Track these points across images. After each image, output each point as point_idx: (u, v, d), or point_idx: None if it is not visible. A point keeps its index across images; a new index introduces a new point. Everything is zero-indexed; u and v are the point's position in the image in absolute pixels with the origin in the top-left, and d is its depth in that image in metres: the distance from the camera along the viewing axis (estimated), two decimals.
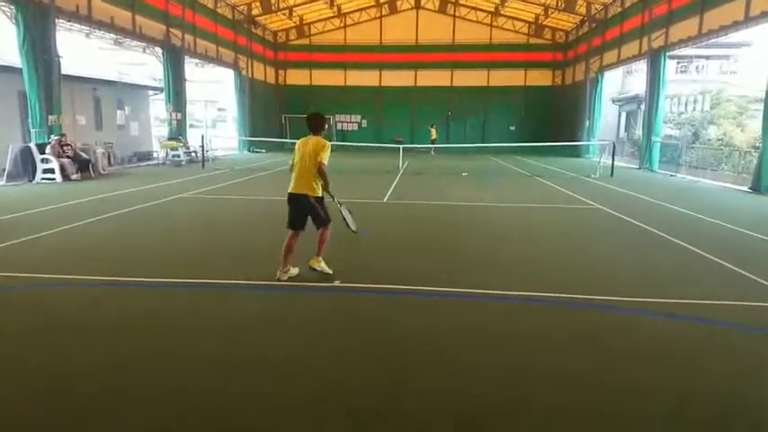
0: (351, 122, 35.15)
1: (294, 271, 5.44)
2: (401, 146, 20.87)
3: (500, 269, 6.20)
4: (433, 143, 27.89)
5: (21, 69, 13.80)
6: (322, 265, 5.47)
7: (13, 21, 13.53)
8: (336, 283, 5.27)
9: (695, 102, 25.30)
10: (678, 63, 30.62)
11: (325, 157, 5.25)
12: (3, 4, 13.42)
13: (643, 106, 21.97)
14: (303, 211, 5.33)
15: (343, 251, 6.19)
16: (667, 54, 19.51)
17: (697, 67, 31.37)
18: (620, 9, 23.88)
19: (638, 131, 23.81)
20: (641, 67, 22.87)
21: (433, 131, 29.06)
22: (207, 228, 8.31)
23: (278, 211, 5.97)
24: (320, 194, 5.35)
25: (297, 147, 5.46)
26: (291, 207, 5.40)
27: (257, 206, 10.57)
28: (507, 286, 5.38)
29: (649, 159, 19.89)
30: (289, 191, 5.40)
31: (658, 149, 19.95)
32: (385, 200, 11.48)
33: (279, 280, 5.30)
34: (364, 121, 35.12)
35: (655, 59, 19.61)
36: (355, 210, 6.04)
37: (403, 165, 19.43)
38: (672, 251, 7.07)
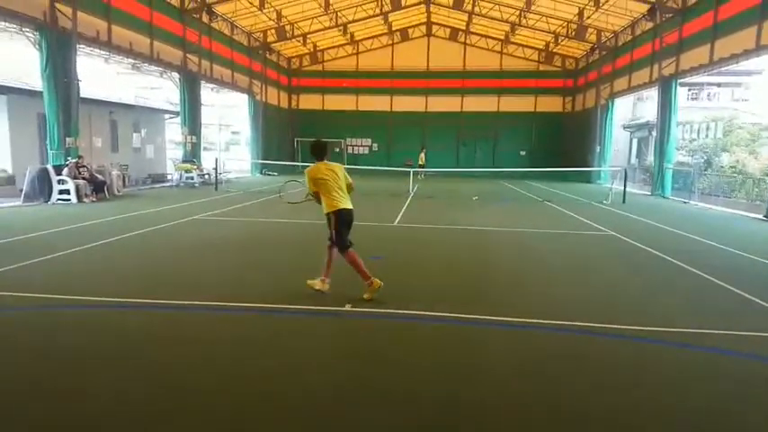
0: (362, 146, 35.52)
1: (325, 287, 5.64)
2: (411, 169, 20.97)
3: (514, 294, 6.14)
4: (421, 167, 27.62)
5: (41, 93, 14.18)
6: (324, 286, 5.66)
7: (37, 46, 13.96)
8: (347, 307, 5.25)
9: (707, 129, 25.28)
10: (689, 90, 30.69)
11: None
12: (27, 30, 13.87)
13: (654, 133, 21.96)
14: (349, 226, 5.63)
15: (353, 274, 6.18)
16: (678, 81, 19.58)
17: (708, 95, 31.40)
18: (630, 37, 24.10)
19: (650, 158, 23.76)
20: (652, 93, 22.95)
21: (422, 156, 28.92)
22: (220, 249, 8.35)
23: (292, 234, 6.02)
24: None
25: (319, 171, 5.57)
26: (348, 223, 5.62)
27: (272, 228, 10.61)
28: (524, 313, 5.31)
29: (661, 186, 19.78)
30: (347, 207, 5.59)
31: (670, 176, 19.85)
32: (395, 223, 11.50)
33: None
34: (375, 145, 35.44)
35: (666, 86, 19.67)
36: (367, 232, 6.05)
37: (413, 188, 19.50)
38: (687, 279, 6.98)
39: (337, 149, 34.80)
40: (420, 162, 28.11)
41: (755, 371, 4.07)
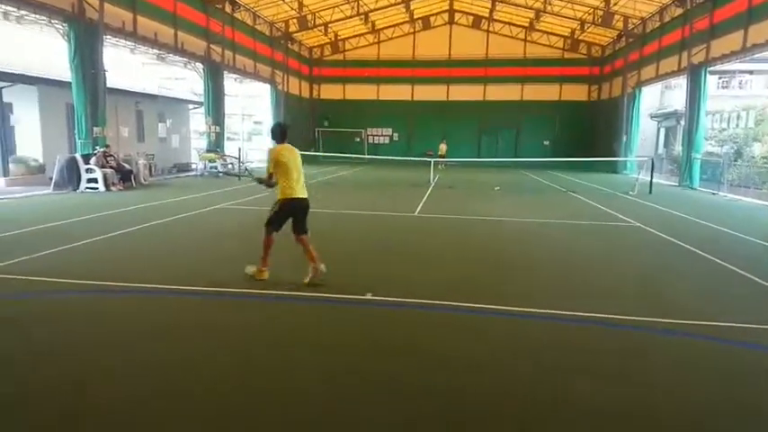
0: (382, 136, 35.42)
1: (323, 267, 5.61)
2: (432, 159, 20.85)
3: (539, 285, 6.10)
4: (441, 158, 27.38)
5: (69, 83, 14.48)
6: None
7: (65, 37, 14.24)
8: (369, 296, 5.28)
9: (738, 118, 24.50)
10: (720, 78, 29.79)
11: None
12: (56, 22, 14.15)
13: (682, 122, 21.41)
14: (305, 214, 5.72)
15: (374, 265, 6.23)
16: (708, 69, 19.02)
17: (740, 83, 30.44)
18: (658, 23, 23.46)
19: (678, 148, 23.20)
20: (681, 82, 22.36)
21: (443, 147, 28.70)
22: (245, 237, 8.47)
23: (316, 224, 6.07)
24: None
25: (282, 154, 5.64)
26: (299, 211, 5.69)
27: None
28: (550, 305, 5.27)
29: (689, 177, 19.32)
30: (299, 196, 5.67)
31: (699, 167, 19.37)
32: (416, 213, 11.48)
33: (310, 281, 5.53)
34: (396, 135, 35.33)
35: (695, 74, 19.13)
36: (386, 222, 6.05)
37: (434, 178, 19.42)
38: (718, 272, 6.83)
39: (357, 139, 34.81)
40: (441, 153, 27.94)
41: None
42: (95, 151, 14.48)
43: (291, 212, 5.67)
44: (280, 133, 5.81)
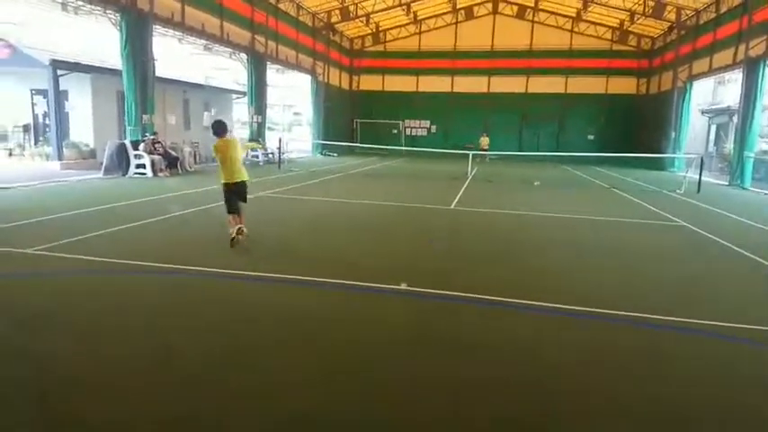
0: (420, 128, 35.29)
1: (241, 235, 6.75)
2: (471, 152, 20.63)
3: (570, 282, 6.00)
4: (483, 151, 27.22)
5: (120, 72, 15.03)
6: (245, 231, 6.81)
7: (117, 27, 14.77)
8: (403, 286, 5.33)
9: None
10: None
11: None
12: (110, 12, 14.69)
13: (735, 119, 20.45)
14: (241, 194, 6.86)
15: (408, 256, 6.26)
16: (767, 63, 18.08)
17: None
18: (713, 15, 22.41)
19: (729, 145, 22.20)
20: (735, 76, 21.33)
21: (485, 140, 28.56)
22: (288, 225, 8.66)
23: (356, 214, 6.18)
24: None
25: (217, 148, 6.83)
26: (233, 193, 6.79)
27: (333, 207, 10.86)
28: (581, 300, 5.20)
29: (741, 176, 18.46)
30: (231, 181, 6.83)
31: (751, 165, 18.49)
32: (452, 206, 11.43)
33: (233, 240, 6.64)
34: (434, 127, 35.11)
35: (752, 68, 18.22)
36: (422, 215, 6.07)
37: (472, 171, 19.25)
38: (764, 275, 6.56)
39: (395, 131, 34.77)
40: (482, 146, 27.69)
41: None
42: (144, 138, 15.02)
43: (227, 194, 6.82)
44: (215, 130, 6.84)
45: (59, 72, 15.00)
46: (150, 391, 3.17)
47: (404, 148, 30.24)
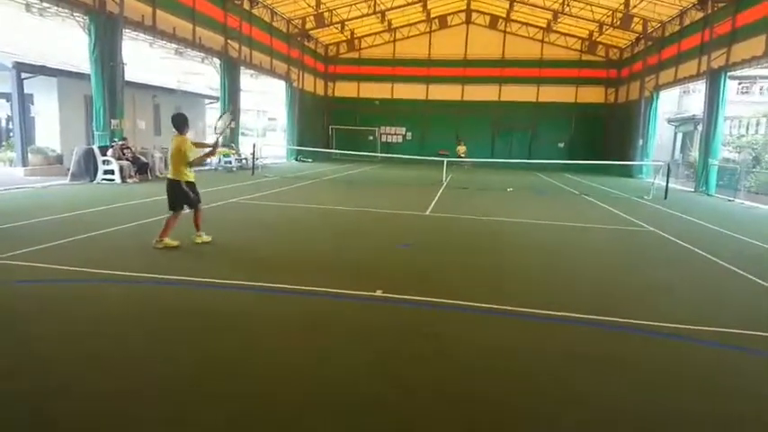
0: (395, 135, 35.43)
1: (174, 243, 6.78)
2: (445, 159, 20.78)
3: (540, 287, 6.08)
4: (460, 159, 27.45)
5: (88, 75, 14.67)
6: (203, 238, 7.05)
7: (86, 30, 14.44)
8: (378, 293, 5.31)
9: (758, 124, 24.16)
10: (740, 84, 29.37)
11: (189, 151, 6.88)
12: (77, 15, 14.36)
13: (700, 127, 21.14)
14: (169, 192, 6.85)
15: (383, 262, 6.25)
16: (728, 74, 18.75)
17: (761, 89, 29.98)
18: (678, 27, 23.17)
19: (695, 153, 22.92)
20: (699, 86, 22.06)
21: (462, 148, 28.88)
22: (261, 231, 8.54)
23: (329, 220, 6.12)
24: (191, 179, 6.95)
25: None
26: (167, 191, 6.90)
27: (306, 214, 10.77)
28: (549, 305, 5.26)
29: (706, 183, 19.07)
30: (167, 177, 7.02)
31: (716, 173, 19.11)
32: (428, 212, 11.48)
33: (155, 247, 6.64)
34: (409, 134, 35.30)
35: (714, 79, 18.88)
36: (398, 221, 6.06)
37: (446, 178, 19.39)
38: (730, 278, 6.76)
39: (371, 138, 34.82)
40: (459, 154, 27.93)
41: None
42: (112, 143, 14.67)
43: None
44: (172, 123, 7.09)
45: (24, 75, 14.55)
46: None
47: (379, 154, 30.30)
